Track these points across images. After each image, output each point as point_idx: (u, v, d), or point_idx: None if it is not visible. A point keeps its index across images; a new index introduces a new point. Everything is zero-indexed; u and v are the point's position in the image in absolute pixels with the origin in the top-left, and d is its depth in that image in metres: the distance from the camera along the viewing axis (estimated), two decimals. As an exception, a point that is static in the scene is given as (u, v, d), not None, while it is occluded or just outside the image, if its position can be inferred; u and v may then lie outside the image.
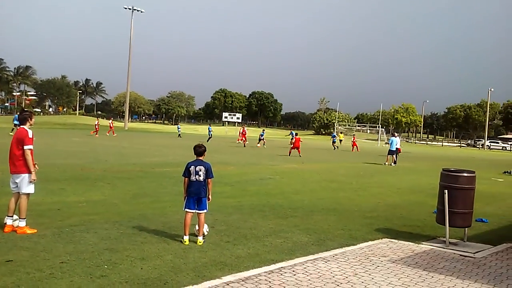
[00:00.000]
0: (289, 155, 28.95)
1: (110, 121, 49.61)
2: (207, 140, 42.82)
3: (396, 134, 28.85)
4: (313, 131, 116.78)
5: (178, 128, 58.75)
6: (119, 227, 7.56)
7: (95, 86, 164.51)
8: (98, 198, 10.35)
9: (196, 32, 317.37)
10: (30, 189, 7.18)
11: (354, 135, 46.43)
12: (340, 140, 59.81)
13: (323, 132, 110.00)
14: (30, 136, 7.15)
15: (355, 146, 43.51)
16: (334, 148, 45.18)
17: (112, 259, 5.89)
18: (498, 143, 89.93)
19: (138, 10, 75.19)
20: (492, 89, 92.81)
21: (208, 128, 47.28)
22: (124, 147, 29.10)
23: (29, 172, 7.10)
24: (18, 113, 7.53)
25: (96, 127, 45.22)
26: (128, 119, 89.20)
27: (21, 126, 7.26)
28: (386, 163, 25.82)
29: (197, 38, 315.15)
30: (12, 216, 7.13)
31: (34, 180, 7.16)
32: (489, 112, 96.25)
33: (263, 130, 44.27)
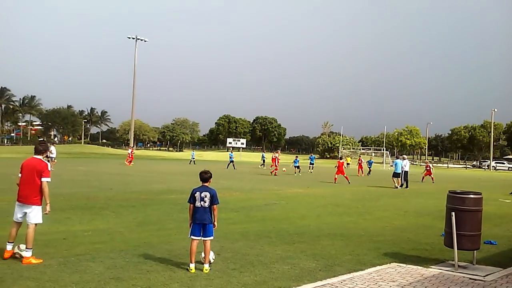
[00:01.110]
0: (335, 182, 28.42)
1: (130, 150, 47.91)
2: (228, 167, 42.71)
3: (405, 156, 28.78)
4: (318, 155, 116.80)
5: (192, 154, 58.77)
6: (125, 256, 7.52)
7: (100, 115, 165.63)
8: (104, 227, 10.33)
9: (199, 60, 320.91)
10: (39, 219, 7.21)
11: (360, 157, 45.29)
12: (348, 164, 59.56)
13: (328, 156, 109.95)
14: (49, 169, 7.23)
15: (360, 169, 41.61)
16: (369, 173, 42.41)
17: (118, 288, 5.85)
18: (503, 163, 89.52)
19: (141, 40, 76.22)
20: (495, 110, 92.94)
21: (230, 155, 46.77)
22: (129, 175, 29.12)
23: (40, 204, 7.12)
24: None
25: (130, 155, 44.37)
26: (134, 146, 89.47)
27: (37, 157, 7.28)
28: (397, 185, 25.71)
29: (200, 65, 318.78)
30: (12, 242, 7.14)
31: (49, 212, 7.22)
32: (493, 132, 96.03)
33: (296, 156, 42.14)
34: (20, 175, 7.27)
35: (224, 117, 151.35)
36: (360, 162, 42.30)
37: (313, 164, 43.87)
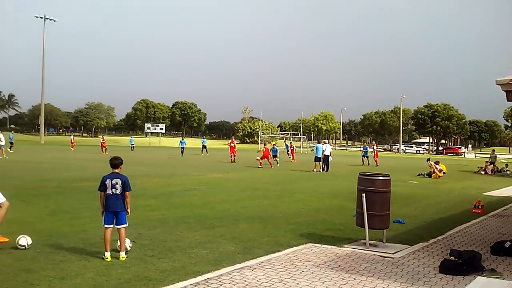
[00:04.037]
0: (260, 165, 28.94)
1: (71, 136, 51.95)
2: (182, 154, 41.71)
3: (326, 141, 29.61)
4: (238, 140, 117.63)
5: (131, 140, 56.18)
6: (36, 246, 7.16)
7: (7, 98, 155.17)
8: (13, 217, 9.70)
9: (113, 40, 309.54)
10: (1, 198, 7.43)
11: (291, 142, 45.14)
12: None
13: (248, 141, 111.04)
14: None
15: (292, 155, 38.84)
16: (364, 163, 34.99)
17: (29, 280, 5.58)
18: (412, 147, 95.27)
19: (50, 19, 72.23)
20: (404, 96, 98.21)
21: (181, 141, 45.26)
22: (39, 162, 27.67)
23: None
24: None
25: (72, 141, 49.45)
26: (44, 132, 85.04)
27: None
28: (315, 169, 26.44)
29: (114, 47, 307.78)
30: None
31: None
32: (402, 117, 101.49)
33: (290, 142, 41.76)
34: None
35: (141, 102, 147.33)
36: (292, 148, 40.27)
37: (206, 146, 46.54)
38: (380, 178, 7.99)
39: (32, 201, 12.07)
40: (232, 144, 35.34)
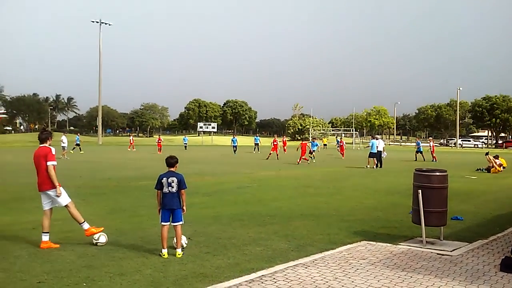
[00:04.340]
0: (299, 162, 28.89)
1: (131, 137, 54.28)
2: (234, 152, 42.10)
3: (378, 137, 29.15)
4: (289, 137, 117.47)
5: (184, 140, 57.33)
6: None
7: (66, 101, 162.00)
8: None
9: (165, 42, 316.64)
10: (66, 199, 7.52)
11: (341, 138, 44.58)
12: (325, 145, 59.72)
13: (298, 138, 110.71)
14: (53, 152, 7.44)
15: (342, 152, 37.89)
16: (416, 158, 34.42)
17: (91, 276, 5.81)
18: (469, 141, 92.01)
19: (106, 23, 74.67)
20: (461, 88, 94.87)
21: (232, 140, 45.55)
22: (99, 162, 28.72)
23: (59, 185, 7.39)
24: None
25: (132, 141, 51.42)
26: (102, 133, 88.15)
27: (43, 145, 7.50)
28: (368, 166, 26.06)
29: (166, 48, 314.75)
30: (47, 233, 7.31)
31: (60, 194, 7.39)
32: (459, 110, 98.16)
33: (314, 139, 41.00)
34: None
35: (194, 101, 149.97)
36: (341, 144, 39.49)
37: (258, 144, 45.79)
38: (437, 173, 7.78)
39: (92, 200, 12.56)
40: (275, 143, 35.32)
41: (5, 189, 14.43)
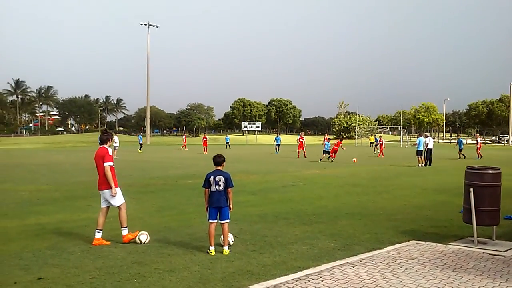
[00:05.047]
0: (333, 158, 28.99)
1: (184, 136, 54.42)
2: (277, 151, 41.97)
3: (427, 134, 28.54)
4: (334, 136, 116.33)
5: (226, 139, 58.09)
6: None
7: (115, 102, 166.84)
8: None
9: (210, 43, 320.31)
10: (120, 200, 7.71)
11: (380, 136, 43.76)
12: (371, 143, 58.71)
13: (344, 136, 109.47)
14: (110, 153, 7.70)
15: (381, 151, 36.12)
16: (460, 157, 33.54)
17: (141, 272, 5.97)
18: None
19: (153, 26, 76.23)
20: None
21: (276, 138, 44.87)
22: (147, 161, 29.41)
23: (116, 186, 7.65)
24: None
25: (184, 141, 51.18)
26: (150, 133, 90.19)
27: (102, 146, 7.77)
28: (420, 164, 25.43)
29: (211, 49, 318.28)
30: (101, 230, 7.59)
31: (115, 194, 7.62)
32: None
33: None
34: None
35: (238, 101, 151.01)
36: (381, 142, 37.72)
37: (279, 144, 43.57)
38: (490, 171, 7.52)
39: (142, 198, 12.89)
40: (302, 140, 34.52)
41: (57, 188, 14.97)
